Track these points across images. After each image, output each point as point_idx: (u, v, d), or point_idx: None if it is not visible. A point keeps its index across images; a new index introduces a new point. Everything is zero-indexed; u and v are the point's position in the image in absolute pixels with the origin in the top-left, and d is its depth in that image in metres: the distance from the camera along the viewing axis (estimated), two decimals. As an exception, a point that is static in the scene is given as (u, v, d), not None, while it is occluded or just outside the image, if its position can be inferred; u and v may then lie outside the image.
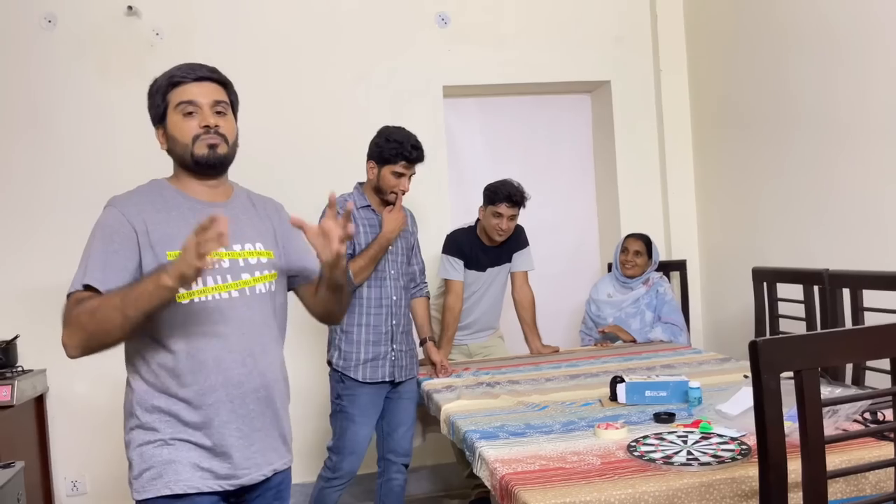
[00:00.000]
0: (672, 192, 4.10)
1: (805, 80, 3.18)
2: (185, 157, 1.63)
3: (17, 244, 3.45)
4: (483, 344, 3.47)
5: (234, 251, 1.64)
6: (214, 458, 1.59)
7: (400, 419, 2.87)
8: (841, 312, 2.68)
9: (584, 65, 4.08)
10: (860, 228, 2.93)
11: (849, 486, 1.64)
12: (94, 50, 3.54)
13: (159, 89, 1.65)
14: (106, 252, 1.54)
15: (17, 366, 3.23)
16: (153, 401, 1.58)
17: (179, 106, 1.62)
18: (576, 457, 1.81)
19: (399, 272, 2.83)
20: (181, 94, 1.62)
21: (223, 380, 1.59)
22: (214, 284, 1.59)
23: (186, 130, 1.62)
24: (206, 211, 1.61)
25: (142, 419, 1.58)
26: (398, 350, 2.80)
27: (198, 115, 1.62)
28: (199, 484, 1.57)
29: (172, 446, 1.57)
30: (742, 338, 3.62)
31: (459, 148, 4.16)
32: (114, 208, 1.60)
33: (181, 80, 1.62)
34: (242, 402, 1.61)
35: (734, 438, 1.84)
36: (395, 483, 2.91)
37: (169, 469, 1.56)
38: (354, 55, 3.79)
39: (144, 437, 1.58)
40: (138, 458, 1.58)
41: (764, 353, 1.29)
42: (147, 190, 1.66)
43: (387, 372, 2.76)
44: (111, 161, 3.49)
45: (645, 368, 2.85)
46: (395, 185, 2.74)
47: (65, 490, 3.51)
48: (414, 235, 3.00)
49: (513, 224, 3.25)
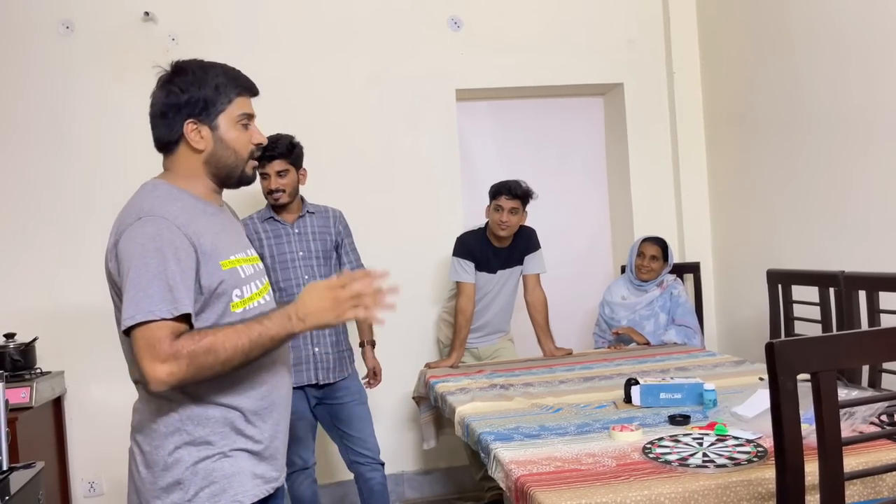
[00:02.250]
0: (685, 194, 4.10)
1: (819, 80, 3.17)
2: (235, 170, 1.60)
3: (35, 247, 3.49)
4: (493, 347, 3.48)
5: (251, 256, 1.66)
6: (262, 461, 1.57)
7: (352, 423, 2.93)
8: (857, 315, 2.67)
9: (597, 67, 4.08)
10: (875, 230, 2.91)
11: (866, 489, 1.63)
12: (110, 55, 3.58)
13: (221, 86, 1.55)
14: (182, 272, 1.43)
15: (35, 368, 3.26)
16: (207, 412, 1.50)
17: (242, 116, 1.58)
18: (591, 458, 1.82)
19: (314, 277, 2.83)
20: (246, 104, 1.60)
21: (276, 382, 1.60)
22: (256, 290, 1.60)
23: (245, 144, 1.59)
24: (222, 217, 1.64)
25: (193, 434, 1.49)
26: (321, 353, 2.85)
27: (251, 130, 1.61)
28: (257, 491, 1.55)
29: (232, 458, 1.51)
30: (756, 340, 3.61)
31: (472, 151, 4.17)
32: (164, 220, 1.45)
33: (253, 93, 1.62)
34: (285, 405, 1.64)
35: (750, 441, 1.83)
36: (373, 482, 2.94)
37: (234, 482, 1.51)
38: (367, 59, 3.81)
39: (199, 454, 1.49)
40: (192, 475, 1.48)
41: (780, 354, 1.28)
42: (170, 195, 1.53)
43: (311, 375, 2.83)
44: (128, 166, 3.51)
45: (659, 371, 2.84)
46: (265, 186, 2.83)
47: (82, 491, 3.54)
48: (339, 235, 2.98)
49: (515, 219, 3.23)
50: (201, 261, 1.47)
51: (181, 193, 1.55)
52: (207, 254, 1.48)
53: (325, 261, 2.92)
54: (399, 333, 3.77)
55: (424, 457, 3.80)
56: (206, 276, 1.47)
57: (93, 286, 3.40)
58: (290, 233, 2.87)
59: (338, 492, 3.75)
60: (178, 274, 1.42)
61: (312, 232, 2.91)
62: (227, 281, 1.51)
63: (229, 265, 1.53)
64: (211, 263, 1.49)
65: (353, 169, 3.76)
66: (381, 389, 3.52)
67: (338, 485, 3.74)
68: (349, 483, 3.44)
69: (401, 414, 3.80)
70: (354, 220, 3.24)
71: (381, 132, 3.83)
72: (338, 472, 3.69)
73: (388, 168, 3.83)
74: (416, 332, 3.80)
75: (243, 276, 1.56)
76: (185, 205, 1.52)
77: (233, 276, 1.53)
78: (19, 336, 3.26)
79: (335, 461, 3.56)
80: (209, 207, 1.59)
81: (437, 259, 3.77)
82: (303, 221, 2.91)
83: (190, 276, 1.45)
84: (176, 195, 1.54)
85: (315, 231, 2.91)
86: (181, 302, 1.40)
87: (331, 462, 3.67)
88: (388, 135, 3.83)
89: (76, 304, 3.46)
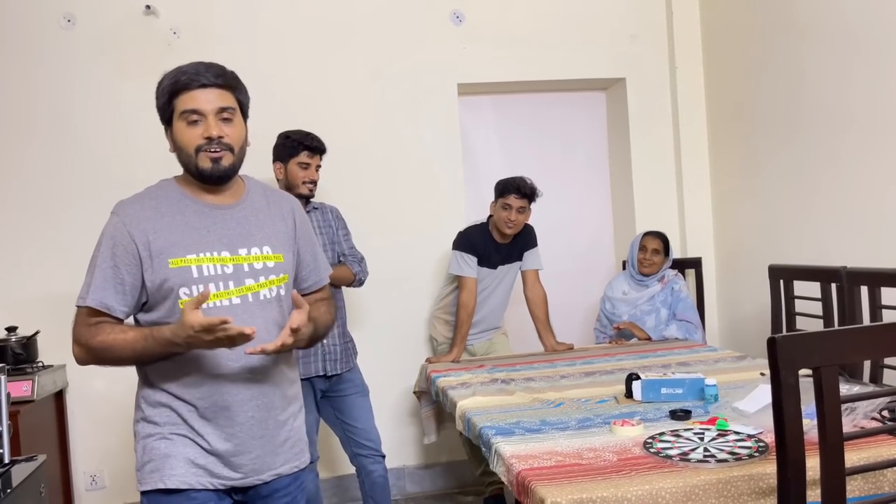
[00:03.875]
0: (687, 189, 4.09)
1: (822, 76, 3.16)
2: (190, 167, 1.62)
3: (37, 241, 3.50)
4: (487, 343, 3.49)
5: (238, 256, 1.63)
6: (210, 455, 1.60)
7: (354, 414, 2.96)
8: (859, 310, 2.67)
9: (599, 62, 4.07)
10: (877, 226, 2.90)
11: (867, 484, 1.63)
12: (112, 49, 3.57)
13: (164, 91, 1.61)
14: (108, 268, 1.57)
15: (37, 361, 3.27)
16: (156, 396, 1.62)
17: (184, 114, 1.58)
18: (592, 453, 1.82)
19: None
20: (186, 101, 1.58)
21: (220, 386, 1.59)
22: (216, 291, 1.59)
23: (190, 140, 1.59)
24: (212, 214, 1.63)
25: (146, 412, 1.63)
26: (329, 344, 2.89)
27: (202, 123, 1.58)
28: (192, 480, 1.58)
29: (171, 440, 1.60)
30: (758, 336, 3.61)
31: (474, 145, 4.17)
32: (117, 217, 1.60)
33: (186, 87, 1.58)
34: (241, 408, 1.61)
35: (751, 436, 1.84)
36: (375, 475, 2.97)
37: (166, 463, 1.58)
38: (370, 53, 3.81)
39: (147, 430, 1.62)
40: (141, 450, 1.62)
41: (783, 349, 1.28)
42: (155, 192, 1.65)
43: (319, 367, 2.85)
44: (129, 160, 3.52)
45: (660, 366, 2.84)
46: (304, 176, 2.89)
47: (84, 484, 3.55)
48: (341, 229, 3.08)
49: (522, 218, 3.25)
50: (145, 259, 1.57)
51: (172, 191, 1.66)
52: (157, 252, 1.57)
53: (330, 254, 2.99)
54: (400, 328, 3.78)
55: (425, 451, 3.80)
56: (149, 272, 1.57)
57: (94, 280, 3.42)
58: None
59: (339, 486, 3.76)
60: (104, 269, 1.57)
61: (318, 226, 2.98)
62: (171, 280, 1.56)
63: (180, 263, 1.57)
64: (157, 261, 1.57)
65: (356, 163, 3.76)
66: (382, 384, 3.54)
67: (338, 479, 3.75)
68: (350, 477, 3.45)
69: (401, 409, 3.80)
70: (356, 215, 3.23)
71: (383, 126, 3.82)
72: (339, 467, 3.70)
73: (391, 162, 3.82)
74: (417, 327, 3.81)
75: (197, 275, 1.57)
76: (158, 202, 1.62)
77: (181, 274, 1.57)
78: (21, 329, 3.27)
79: (337, 455, 3.57)
80: (197, 205, 1.64)
81: (440, 254, 3.77)
82: (311, 216, 2.97)
83: (123, 272, 1.57)
84: (160, 191, 1.66)
85: (319, 226, 2.98)
86: (91, 295, 1.57)
87: (332, 456, 3.67)
88: (390, 129, 3.83)
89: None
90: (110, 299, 1.57)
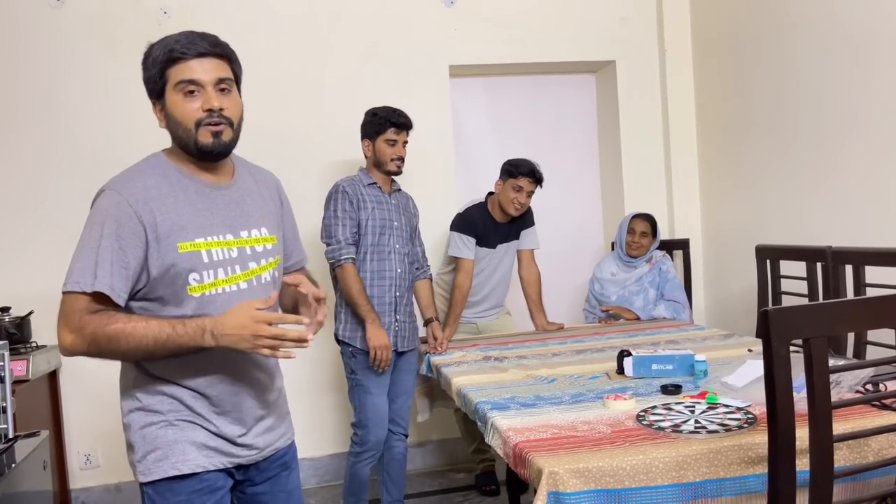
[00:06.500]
0: (676, 171, 4.14)
1: (809, 58, 3.21)
2: (188, 142, 1.52)
3: (29, 221, 3.49)
4: (492, 322, 3.52)
5: (241, 238, 1.59)
6: (218, 438, 1.59)
7: (399, 390, 3.01)
8: (843, 288, 2.73)
9: (590, 45, 4.09)
10: (861, 206, 2.97)
11: (851, 453, 1.69)
12: (102, 28, 3.55)
13: (155, 62, 1.50)
14: (115, 251, 1.45)
15: (31, 341, 3.27)
16: (157, 385, 1.55)
17: (180, 85, 1.49)
18: (586, 426, 1.87)
19: (403, 248, 2.96)
20: (182, 71, 1.48)
21: (229, 371, 1.58)
22: (225, 277, 1.55)
23: (189, 113, 1.49)
24: (212, 195, 1.57)
25: (143, 401, 1.55)
26: (401, 321, 2.94)
27: (200, 95, 1.50)
28: (206, 462, 1.56)
29: (177, 426, 1.54)
30: (744, 315, 3.68)
31: (465, 127, 4.19)
32: (118, 195, 1.47)
33: (182, 56, 1.48)
34: (247, 390, 1.62)
35: (740, 408, 1.89)
36: (396, 451, 3.03)
37: (175, 449, 1.53)
38: (361, 34, 3.80)
39: (147, 419, 1.55)
40: (141, 440, 1.55)
41: (774, 321, 1.33)
42: (149, 171, 1.54)
43: (392, 341, 2.87)
44: (120, 139, 3.51)
45: (649, 344, 2.89)
46: (392, 153, 2.91)
47: (78, 464, 3.57)
48: (416, 218, 3.13)
49: (528, 201, 3.30)
50: (151, 241, 1.47)
51: (167, 169, 1.55)
52: (164, 235, 1.48)
53: (410, 238, 3.04)
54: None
55: (418, 429, 3.85)
56: (154, 256, 1.47)
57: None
58: (388, 202, 2.96)
59: (330, 464, 3.80)
60: (111, 251, 1.44)
61: (404, 207, 3.03)
62: (180, 264, 1.49)
63: (189, 248, 1.50)
64: (164, 245, 1.48)
65: (347, 145, 3.76)
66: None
67: (330, 458, 3.79)
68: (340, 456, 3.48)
69: (394, 387, 3.84)
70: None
71: (374, 108, 3.82)
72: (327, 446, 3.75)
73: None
74: (409, 307, 3.84)
75: (207, 260, 1.52)
76: (157, 181, 1.51)
77: (190, 259, 1.50)
78: (14, 310, 3.27)
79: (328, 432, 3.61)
80: (196, 184, 1.57)
81: (433, 234, 3.79)
82: (396, 196, 3.02)
83: (129, 255, 1.46)
84: (154, 169, 1.54)
85: (402, 207, 3.02)
86: (100, 280, 1.43)
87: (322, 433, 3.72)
88: (381, 111, 3.83)
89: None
90: (119, 285, 1.45)
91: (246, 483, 1.69)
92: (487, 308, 3.49)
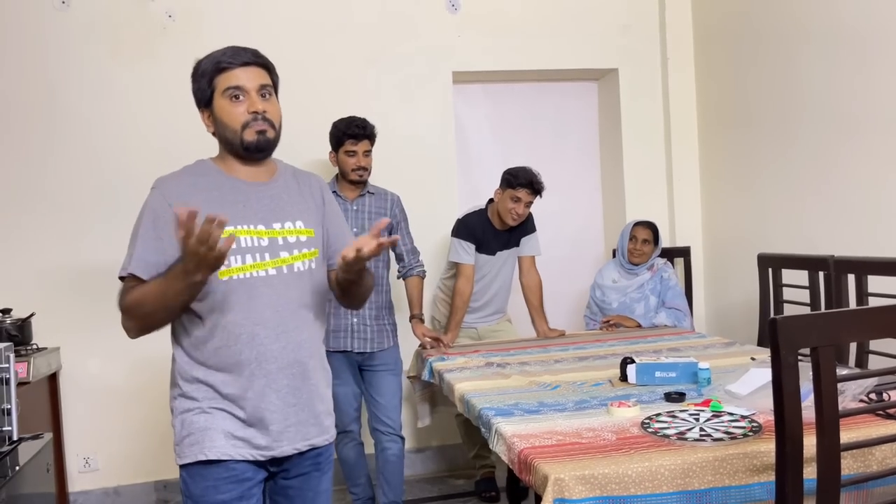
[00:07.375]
0: (677, 178, 4.15)
1: (811, 68, 3.22)
2: (235, 142, 1.68)
3: (32, 223, 3.48)
4: (492, 327, 3.52)
5: (273, 230, 1.69)
6: (249, 427, 1.64)
7: (380, 389, 3.05)
8: (846, 298, 2.74)
9: (592, 52, 4.11)
10: (864, 215, 2.98)
11: (856, 462, 1.69)
12: (107, 32, 3.55)
13: (205, 73, 1.68)
14: (150, 238, 1.62)
15: (31, 343, 3.27)
16: (193, 371, 1.65)
17: (227, 91, 1.66)
18: (591, 433, 1.87)
19: None
20: (228, 79, 1.66)
21: (256, 354, 1.64)
22: (253, 262, 1.65)
23: (236, 116, 1.66)
24: (247, 190, 1.70)
25: (183, 388, 1.67)
26: (359, 324, 2.97)
27: (245, 100, 1.66)
28: (232, 452, 1.63)
29: (210, 414, 1.64)
30: (745, 323, 3.68)
31: (467, 133, 4.20)
32: (157, 191, 1.67)
33: (228, 66, 1.66)
34: (277, 378, 1.66)
35: (745, 416, 1.89)
36: (389, 453, 3.04)
37: (206, 436, 1.63)
38: (365, 40, 3.82)
39: (185, 405, 1.66)
40: (179, 424, 1.66)
41: (783, 329, 1.33)
42: (192, 170, 1.73)
43: (349, 343, 2.94)
44: (124, 142, 3.51)
45: (651, 351, 2.90)
46: (352, 163, 2.97)
47: (77, 466, 3.56)
48: (396, 219, 3.13)
49: (526, 212, 3.31)
50: None
51: (209, 169, 1.72)
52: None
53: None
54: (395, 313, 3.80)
55: (418, 435, 3.85)
56: None
57: (89, 263, 3.42)
58: (347, 209, 3.00)
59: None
60: (147, 239, 1.61)
61: (369, 211, 3.04)
62: None
63: None
64: None
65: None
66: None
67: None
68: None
69: (395, 393, 3.84)
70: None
71: (377, 113, 3.81)
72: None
73: (385, 149, 3.80)
74: (410, 312, 3.84)
75: (236, 246, 1.62)
76: (196, 179, 1.69)
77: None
78: (16, 312, 3.26)
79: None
80: (232, 182, 1.71)
81: (434, 240, 3.80)
82: (362, 200, 3.04)
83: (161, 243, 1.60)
84: (197, 169, 1.72)
85: (372, 211, 3.03)
86: (134, 263, 1.60)
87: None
88: (384, 116, 3.81)
89: (72, 281, 3.46)
90: (153, 269, 1.59)
91: (280, 475, 1.74)
92: (488, 314, 3.50)
